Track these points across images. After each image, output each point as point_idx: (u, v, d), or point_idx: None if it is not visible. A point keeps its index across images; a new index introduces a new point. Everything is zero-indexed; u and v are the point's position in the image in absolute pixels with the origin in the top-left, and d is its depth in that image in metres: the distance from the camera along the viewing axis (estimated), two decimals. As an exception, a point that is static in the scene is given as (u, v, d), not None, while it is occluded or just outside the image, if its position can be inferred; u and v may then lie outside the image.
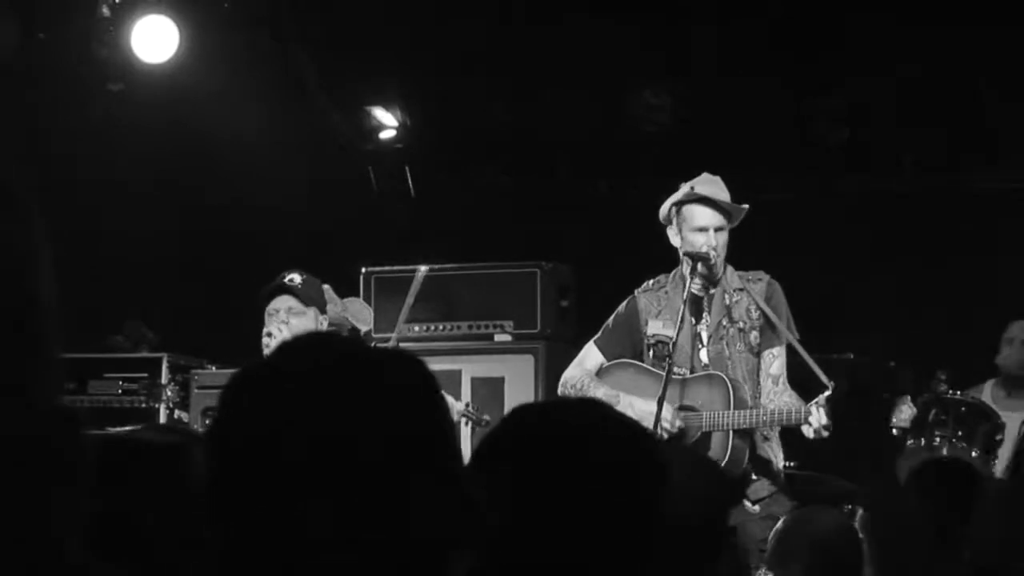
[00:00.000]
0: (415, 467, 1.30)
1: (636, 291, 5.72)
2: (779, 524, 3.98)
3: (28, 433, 0.86)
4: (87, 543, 0.94)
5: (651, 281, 5.71)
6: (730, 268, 5.61)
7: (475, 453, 1.75)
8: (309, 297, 5.63)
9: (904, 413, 5.49)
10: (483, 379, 6.98)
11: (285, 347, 1.37)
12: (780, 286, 5.63)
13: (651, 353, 5.57)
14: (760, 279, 5.61)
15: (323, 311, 5.71)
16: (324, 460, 1.26)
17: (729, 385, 5.40)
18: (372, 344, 6.34)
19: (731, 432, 5.36)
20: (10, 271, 0.86)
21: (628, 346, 5.65)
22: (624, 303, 5.71)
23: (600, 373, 5.65)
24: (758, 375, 5.54)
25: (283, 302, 5.59)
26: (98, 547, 1.11)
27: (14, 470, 0.86)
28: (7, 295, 0.86)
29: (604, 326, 5.75)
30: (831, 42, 7.58)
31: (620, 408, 5.34)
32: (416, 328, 7.19)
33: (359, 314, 6.34)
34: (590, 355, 5.71)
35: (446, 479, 1.32)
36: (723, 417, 5.37)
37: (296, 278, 5.64)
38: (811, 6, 7.57)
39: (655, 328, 5.58)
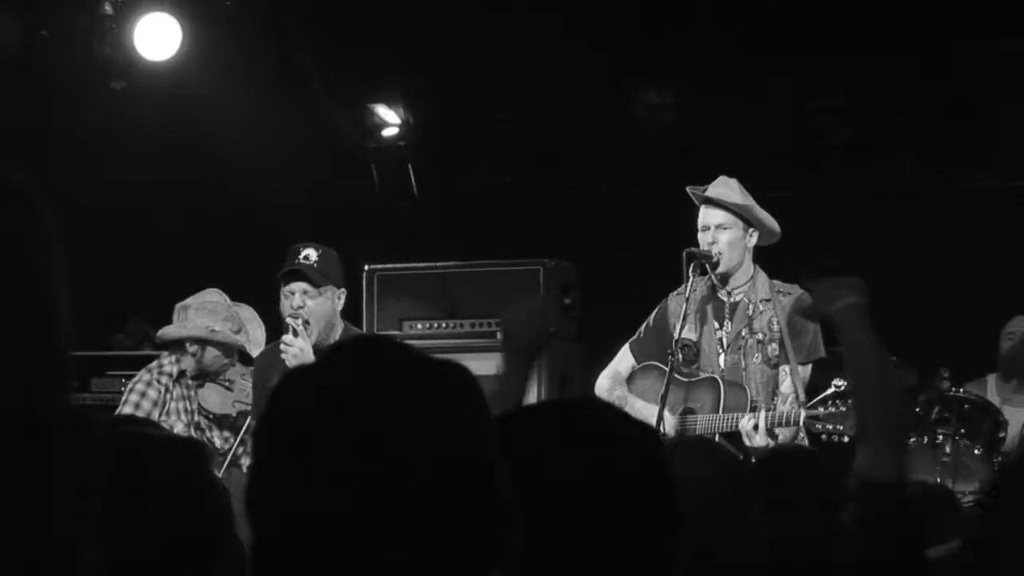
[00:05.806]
0: (463, 487, 1.31)
1: (671, 294, 5.69)
2: None
3: (39, 436, 0.86)
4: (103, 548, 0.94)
5: (683, 285, 5.65)
6: (763, 276, 5.55)
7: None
8: (323, 276, 5.53)
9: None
10: (486, 377, 6.94)
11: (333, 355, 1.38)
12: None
13: (680, 356, 5.53)
14: (790, 293, 5.50)
15: (340, 285, 5.61)
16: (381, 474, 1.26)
17: (722, 388, 5.39)
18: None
19: (717, 436, 5.35)
20: (24, 272, 0.87)
21: (658, 349, 5.63)
22: (659, 306, 5.71)
23: (629, 376, 5.72)
24: (774, 387, 5.49)
25: (298, 286, 5.52)
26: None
27: (25, 473, 0.86)
28: (20, 297, 0.86)
29: (640, 328, 5.77)
30: (832, 42, 7.58)
31: (626, 411, 5.38)
32: (418, 326, 7.20)
33: (254, 336, 6.30)
34: (624, 358, 5.78)
35: (487, 496, 1.31)
36: (711, 421, 5.40)
37: (312, 254, 5.54)
38: (812, 5, 7.58)
39: (683, 332, 5.56)
